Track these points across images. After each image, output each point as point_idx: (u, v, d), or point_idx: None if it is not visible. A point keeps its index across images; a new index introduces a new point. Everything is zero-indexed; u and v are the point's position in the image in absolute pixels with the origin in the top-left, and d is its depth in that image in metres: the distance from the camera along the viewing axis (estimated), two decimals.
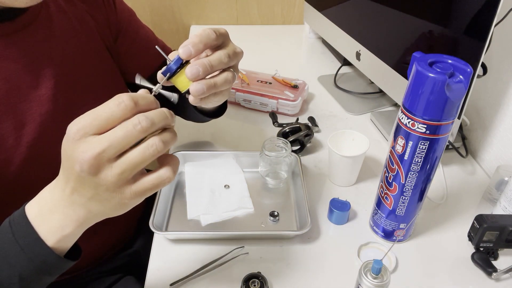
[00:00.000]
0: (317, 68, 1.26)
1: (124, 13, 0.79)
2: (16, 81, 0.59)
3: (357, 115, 1.03)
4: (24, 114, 0.60)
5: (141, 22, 0.84)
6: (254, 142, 0.92)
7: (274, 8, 1.54)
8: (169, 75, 0.47)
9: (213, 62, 0.47)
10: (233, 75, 0.52)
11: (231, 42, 0.53)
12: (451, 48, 0.72)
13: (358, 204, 0.76)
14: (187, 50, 0.46)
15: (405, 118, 0.56)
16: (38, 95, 0.61)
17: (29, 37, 0.61)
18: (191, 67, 0.46)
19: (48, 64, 0.63)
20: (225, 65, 0.50)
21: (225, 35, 0.51)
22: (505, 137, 0.80)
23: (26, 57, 0.60)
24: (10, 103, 0.58)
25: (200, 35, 0.47)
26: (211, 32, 0.48)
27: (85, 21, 0.71)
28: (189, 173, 0.80)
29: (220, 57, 0.48)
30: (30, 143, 0.60)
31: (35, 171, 0.61)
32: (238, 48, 0.53)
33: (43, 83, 0.62)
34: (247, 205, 0.74)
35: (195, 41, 0.46)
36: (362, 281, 0.53)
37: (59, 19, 0.66)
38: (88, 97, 0.69)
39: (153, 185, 0.42)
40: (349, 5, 1.03)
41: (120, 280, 0.78)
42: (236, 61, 0.53)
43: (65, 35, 0.67)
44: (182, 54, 0.46)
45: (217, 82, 0.49)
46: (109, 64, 0.75)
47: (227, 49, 0.50)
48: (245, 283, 0.60)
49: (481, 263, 0.64)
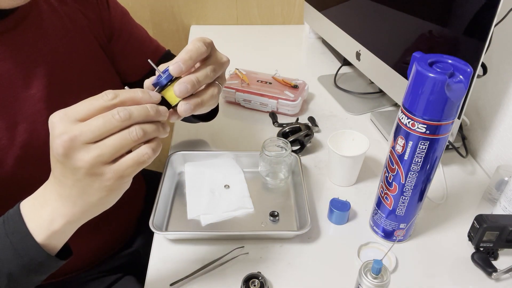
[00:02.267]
0: (317, 68, 1.26)
1: (117, 13, 0.79)
2: (7, 80, 0.59)
3: (357, 115, 1.03)
4: (16, 114, 0.59)
5: (134, 22, 0.84)
6: (254, 142, 0.92)
7: (274, 8, 1.54)
8: (159, 89, 0.48)
9: (200, 78, 0.49)
10: (219, 89, 0.53)
11: (217, 52, 0.53)
12: (451, 48, 0.72)
13: (358, 204, 0.76)
14: (177, 68, 0.47)
15: (405, 118, 0.56)
16: (30, 94, 0.61)
17: (20, 36, 0.60)
18: (180, 85, 0.47)
19: (40, 64, 0.62)
20: (211, 79, 0.51)
21: (211, 44, 0.52)
22: (505, 137, 0.80)
23: (17, 57, 0.60)
24: (1, 103, 0.58)
25: (190, 50, 0.48)
26: (201, 46, 0.49)
27: (78, 20, 0.70)
28: (189, 173, 0.80)
29: (206, 72, 0.50)
30: (23, 143, 0.60)
31: (29, 171, 0.61)
32: (224, 57, 0.54)
33: (34, 82, 0.61)
34: (247, 205, 0.74)
35: (185, 58, 0.47)
36: (362, 281, 0.53)
37: (51, 18, 0.66)
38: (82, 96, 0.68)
39: (134, 161, 0.41)
40: (349, 5, 1.03)
41: (120, 280, 0.78)
42: (221, 72, 0.54)
43: (56, 34, 0.66)
44: (172, 71, 0.47)
45: (204, 99, 0.50)
46: (102, 63, 0.75)
47: (214, 61, 0.51)
48: (245, 283, 0.60)
49: (481, 263, 0.64)
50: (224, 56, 0.54)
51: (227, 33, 1.49)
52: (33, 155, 0.61)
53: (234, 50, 1.37)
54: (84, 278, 0.77)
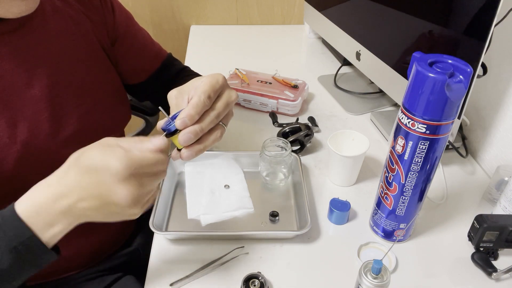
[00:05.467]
0: (317, 68, 1.26)
1: (122, 17, 0.79)
2: (10, 80, 0.59)
3: (357, 115, 1.03)
4: (18, 112, 0.60)
5: (138, 25, 0.85)
6: (254, 142, 0.92)
7: (274, 8, 1.54)
8: (166, 135, 0.53)
9: (204, 126, 0.54)
10: (222, 131, 0.57)
11: (227, 90, 0.57)
12: (451, 48, 0.72)
13: (358, 204, 0.76)
14: (183, 123, 0.52)
15: (405, 118, 0.56)
16: (32, 94, 0.62)
17: (24, 37, 0.61)
18: (184, 136, 0.52)
19: (43, 64, 0.63)
20: (215, 123, 0.55)
21: (223, 86, 0.56)
22: (505, 137, 0.80)
23: (20, 57, 0.60)
24: (4, 102, 0.59)
25: (197, 105, 0.52)
26: (206, 102, 0.53)
27: (81, 22, 0.71)
28: (189, 173, 0.80)
29: (211, 119, 0.54)
30: (24, 141, 0.60)
31: (29, 169, 0.62)
32: (233, 96, 0.57)
33: (37, 82, 0.62)
34: (247, 205, 0.74)
35: (192, 114, 0.52)
36: (362, 281, 0.53)
37: (55, 19, 0.66)
38: (84, 98, 0.69)
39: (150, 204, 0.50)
40: (349, 5, 1.03)
41: (120, 280, 0.78)
42: (228, 110, 0.57)
43: (60, 36, 0.67)
44: (178, 126, 0.52)
45: (206, 145, 0.56)
46: (105, 65, 0.75)
47: (220, 105, 0.56)
48: (245, 283, 0.60)
49: (481, 263, 0.64)
50: (234, 94, 0.58)
51: (227, 33, 1.49)
52: (33, 154, 0.62)
53: (234, 50, 1.37)
54: (84, 277, 0.77)
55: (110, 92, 0.75)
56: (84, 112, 0.69)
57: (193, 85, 0.57)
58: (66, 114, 0.66)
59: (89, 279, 0.77)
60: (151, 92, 0.89)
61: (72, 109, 0.67)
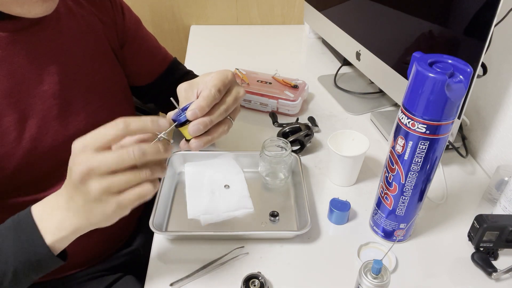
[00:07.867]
0: (317, 68, 1.26)
1: (131, 21, 0.82)
2: (21, 76, 0.61)
3: (357, 115, 1.03)
4: (27, 108, 0.61)
5: (146, 30, 0.88)
6: (254, 142, 0.92)
7: (274, 8, 1.54)
8: (177, 125, 0.55)
9: (213, 119, 0.56)
10: (229, 125, 0.60)
11: (235, 87, 0.60)
12: (451, 48, 0.72)
13: (358, 204, 0.76)
14: (194, 114, 0.54)
15: (405, 118, 0.56)
16: (41, 90, 0.63)
17: (36, 35, 0.63)
18: (193, 126, 0.54)
19: (54, 62, 0.64)
20: (223, 117, 0.58)
21: (231, 82, 0.58)
22: (505, 137, 0.80)
23: (32, 54, 0.62)
24: (14, 98, 0.60)
25: (208, 98, 0.54)
26: (216, 95, 0.55)
27: (93, 23, 0.73)
28: (189, 173, 0.80)
29: (220, 112, 0.56)
30: (32, 137, 0.61)
31: (36, 165, 0.63)
32: (241, 92, 0.60)
33: (47, 79, 0.63)
34: (247, 205, 0.74)
35: (203, 106, 0.54)
36: (362, 281, 0.53)
37: (68, 19, 0.68)
38: (92, 96, 0.71)
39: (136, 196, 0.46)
40: (349, 5, 1.03)
41: (120, 279, 0.78)
42: (236, 105, 0.60)
43: (72, 35, 0.68)
44: (189, 117, 0.54)
45: (214, 137, 0.58)
46: (113, 66, 0.77)
47: (229, 100, 0.58)
48: (245, 283, 0.60)
49: (481, 263, 0.64)
50: (242, 90, 0.60)
51: (227, 33, 1.49)
52: (41, 150, 0.63)
53: (234, 50, 1.37)
54: (84, 277, 0.77)
55: (117, 92, 0.77)
56: (92, 110, 0.70)
57: (202, 80, 0.59)
58: (74, 112, 0.67)
59: (89, 278, 0.77)
60: (156, 94, 0.92)
61: (80, 107, 0.68)
